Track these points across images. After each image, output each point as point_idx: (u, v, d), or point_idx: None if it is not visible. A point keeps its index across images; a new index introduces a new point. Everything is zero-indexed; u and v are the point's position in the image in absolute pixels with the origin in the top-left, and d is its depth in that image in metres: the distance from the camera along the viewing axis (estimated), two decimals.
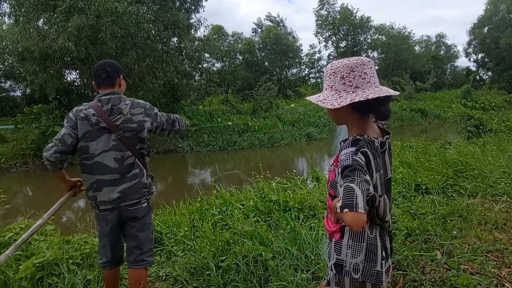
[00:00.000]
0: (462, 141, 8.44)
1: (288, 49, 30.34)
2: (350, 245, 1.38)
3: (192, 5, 18.07)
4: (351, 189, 1.17)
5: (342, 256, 1.40)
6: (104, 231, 2.22)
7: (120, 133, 2.11)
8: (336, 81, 1.34)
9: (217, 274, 2.45)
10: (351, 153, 1.28)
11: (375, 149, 1.35)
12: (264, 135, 18.26)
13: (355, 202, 1.15)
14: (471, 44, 39.06)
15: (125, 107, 2.15)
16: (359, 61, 1.33)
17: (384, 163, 1.41)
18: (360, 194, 1.16)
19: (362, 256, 1.36)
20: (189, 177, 12.83)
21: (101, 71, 2.18)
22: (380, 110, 1.36)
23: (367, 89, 1.31)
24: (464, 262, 2.69)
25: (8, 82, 20.03)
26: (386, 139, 1.42)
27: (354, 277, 1.37)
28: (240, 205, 3.98)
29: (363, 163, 1.26)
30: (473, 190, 4.36)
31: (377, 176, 1.34)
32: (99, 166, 2.12)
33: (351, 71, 1.32)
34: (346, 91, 1.32)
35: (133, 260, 2.23)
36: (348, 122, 1.43)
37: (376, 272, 1.36)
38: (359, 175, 1.21)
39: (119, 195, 2.12)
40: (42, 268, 2.45)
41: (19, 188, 12.14)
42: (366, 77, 1.32)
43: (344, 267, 1.39)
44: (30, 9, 12.98)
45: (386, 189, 1.42)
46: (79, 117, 2.12)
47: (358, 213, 1.14)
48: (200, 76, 22.81)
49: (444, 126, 19.02)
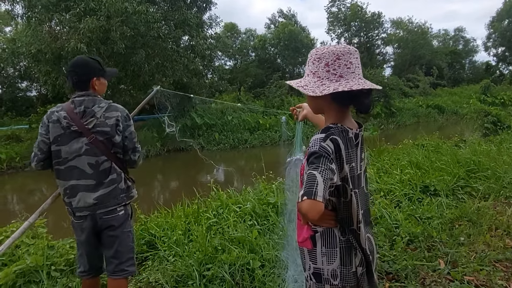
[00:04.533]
0: (478, 138, 8.08)
1: (302, 46, 29.99)
2: (324, 252, 1.35)
3: (204, 3, 18.01)
4: (313, 177, 1.12)
5: (318, 264, 1.37)
6: (80, 240, 2.14)
7: (93, 137, 2.00)
8: (320, 68, 1.29)
9: (199, 284, 2.33)
10: (320, 139, 1.23)
11: (348, 139, 1.30)
12: (275, 133, 18.07)
13: (315, 190, 1.09)
14: (490, 38, 37.87)
15: (99, 110, 2.03)
16: (346, 49, 1.28)
17: (357, 157, 1.35)
18: (321, 182, 1.11)
19: (338, 261, 1.33)
20: (199, 176, 12.81)
21: (72, 73, 2.06)
22: (362, 102, 1.31)
23: (351, 80, 1.26)
24: (469, 272, 2.49)
25: (24, 82, 20.48)
26: (359, 131, 1.37)
27: (334, 283, 1.34)
28: (237, 207, 3.85)
29: (331, 150, 1.21)
30: (485, 192, 4.12)
31: (348, 168, 1.28)
32: (73, 171, 2.02)
33: (336, 59, 1.27)
34: (329, 79, 1.27)
35: (111, 270, 2.14)
36: (326, 111, 1.38)
37: (353, 273, 1.33)
38: (324, 162, 1.16)
39: (95, 202, 2.03)
40: (23, 275, 2.39)
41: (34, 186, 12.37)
42: (351, 67, 1.27)
43: (323, 275, 1.36)
44: (42, 10, 13.18)
45: (358, 184, 1.36)
46: (51, 120, 2.03)
47: (315, 201, 1.08)
48: (212, 74, 22.78)
49: (461, 123, 18.42)
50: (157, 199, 8.06)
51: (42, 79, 14.79)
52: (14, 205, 10.21)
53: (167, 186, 12.37)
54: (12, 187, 12.01)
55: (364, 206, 1.41)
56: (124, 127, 2.10)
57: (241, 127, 18.15)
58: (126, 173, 2.19)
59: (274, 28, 32.24)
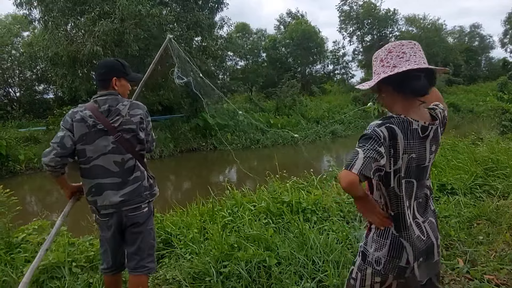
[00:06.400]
0: (496, 136, 7.90)
1: (314, 45, 29.82)
2: (375, 239, 1.44)
3: (216, 3, 18.11)
4: (355, 152, 1.22)
5: (367, 246, 1.47)
6: (105, 237, 2.18)
7: (119, 135, 2.04)
8: (377, 65, 1.37)
9: (217, 280, 2.36)
10: (375, 124, 1.29)
11: (411, 130, 1.31)
12: (287, 132, 18.03)
13: (352, 163, 1.19)
14: (507, 34, 36.96)
15: (123, 108, 2.08)
16: (398, 43, 1.35)
17: (423, 149, 1.36)
18: (361, 157, 1.19)
19: (385, 251, 1.40)
20: (212, 176, 12.89)
21: (96, 72, 2.17)
22: (413, 85, 1.30)
23: (404, 67, 1.29)
24: (489, 271, 2.45)
25: (41, 85, 20.93)
26: (430, 125, 1.36)
27: (376, 268, 1.42)
28: (252, 206, 3.87)
29: (383, 136, 1.25)
30: (504, 191, 4.03)
31: (406, 157, 1.31)
32: (98, 169, 2.06)
33: (388, 53, 1.34)
34: (384, 72, 1.33)
35: (133, 266, 2.18)
36: (393, 104, 1.40)
37: (399, 266, 1.38)
38: (371, 143, 1.22)
39: (121, 199, 2.06)
40: (46, 271, 2.45)
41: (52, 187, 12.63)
42: (404, 56, 1.31)
43: (367, 257, 1.45)
44: (58, 15, 13.47)
45: (417, 175, 1.37)
46: (75, 119, 2.06)
47: (349, 171, 1.18)
48: (224, 75, 22.88)
49: (477, 121, 18.05)
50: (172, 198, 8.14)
51: (59, 82, 15.10)
52: (33, 205, 10.45)
53: (181, 186, 12.48)
54: (30, 187, 12.30)
55: (422, 197, 1.44)
56: (146, 124, 2.18)
57: (253, 127, 18.18)
58: (148, 171, 2.24)
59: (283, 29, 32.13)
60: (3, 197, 3.32)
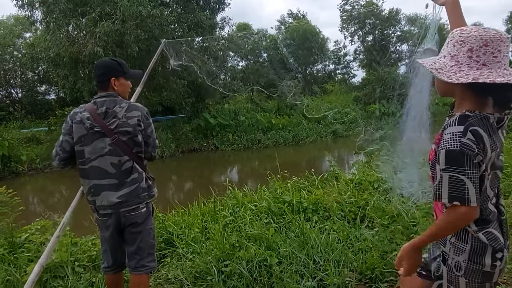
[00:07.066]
0: None
1: (315, 45, 29.81)
2: (453, 242, 1.28)
3: (217, 4, 18.14)
4: (460, 182, 1.09)
5: (446, 249, 1.31)
6: (104, 236, 2.21)
7: (115, 137, 2.06)
8: (462, 52, 1.16)
9: (218, 280, 2.38)
10: (459, 134, 1.12)
11: (490, 125, 1.18)
12: (288, 133, 18.09)
13: (467, 197, 1.08)
14: (509, 33, 36.90)
15: (120, 110, 2.09)
16: (497, 36, 1.14)
17: (500, 140, 1.24)
18: (472, 187, 1.08)
19: (465, 256, 1.25)
20: (213, 176, 12.92)
21: (94, 74, 2.17)
22: (503, 96, 1.17)
23: (495, 70, 1.13)
24: None
25: (43, 86, 20.99)
26: (505, 115, 1.22)
27: (456, 273, 1.27)
28: (253, 206, 3.89)
29: (474, 146, 1.11)
30: (504, 190, 4.04)
31: (494, 155, 1.18)
32: (95, 170, 2.09)
33: (483, 45, 1.13)
34: (469, 66, 1.15)
35: (133, 265, 2.20)
36: (459, 96, 1.25)
37: (483, 271, 1.23)
38: (469, 163, 1.09)
39: (118, 201, 2.09)
40: (49, 270, 2.48)
41: (54, 187, 12.69)
42: (498, 56, 1.14)
43: (447, 260, 1.30)
44: (59, 16, 13.52)
45: (499, 166, 1.26)
46: (74, 121, 2.10)
47: (471, 207, 1.08)
48: (225, 75, 22.89)
49: None
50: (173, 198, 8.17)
51: (60, 83, 15.16)
52: (35, 205, 10.50)
53: (182, 186, 12.52)
54: (32, 188, 12.36)
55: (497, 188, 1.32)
56: (146, 125, 2.17)
57: (254, 128, 18.21)
58: (147, 172, 2.26)
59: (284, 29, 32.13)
60: (6, 197, 3.34)
